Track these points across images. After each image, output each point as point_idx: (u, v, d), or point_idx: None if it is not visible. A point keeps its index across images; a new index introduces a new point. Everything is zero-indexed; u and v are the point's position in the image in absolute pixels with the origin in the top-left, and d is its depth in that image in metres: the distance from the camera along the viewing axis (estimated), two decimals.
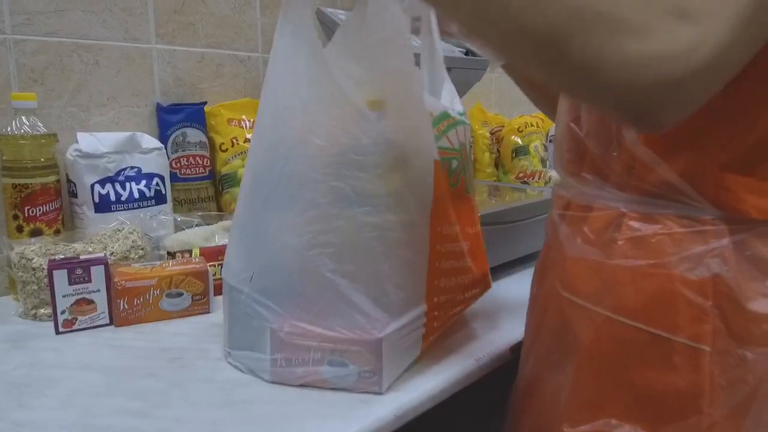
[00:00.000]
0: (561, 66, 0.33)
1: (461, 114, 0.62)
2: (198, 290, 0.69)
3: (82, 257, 0.65)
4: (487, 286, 0.62)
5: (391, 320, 0.52)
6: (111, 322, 0.65)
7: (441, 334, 0.58)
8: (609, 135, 0.46)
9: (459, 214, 0.56)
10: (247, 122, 0.91)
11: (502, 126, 1.40)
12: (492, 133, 1.39)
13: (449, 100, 0.64)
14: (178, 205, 0.86)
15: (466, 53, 1.10)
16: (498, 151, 1.38)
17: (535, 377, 0.54)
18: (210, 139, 0.90)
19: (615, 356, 0.45)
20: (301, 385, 0.52)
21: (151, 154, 0.79)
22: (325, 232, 0.52)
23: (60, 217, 0.74)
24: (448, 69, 1.07)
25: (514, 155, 1.33)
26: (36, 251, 0.67)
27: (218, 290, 0.72)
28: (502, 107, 1.55)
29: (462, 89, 1.14)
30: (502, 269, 0.84)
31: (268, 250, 0.53)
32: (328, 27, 0.95)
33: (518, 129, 1.33)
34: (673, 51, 0.30)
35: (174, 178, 0.86)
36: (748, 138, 0.40)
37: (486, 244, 0.65)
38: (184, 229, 0.81)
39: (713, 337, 0.41)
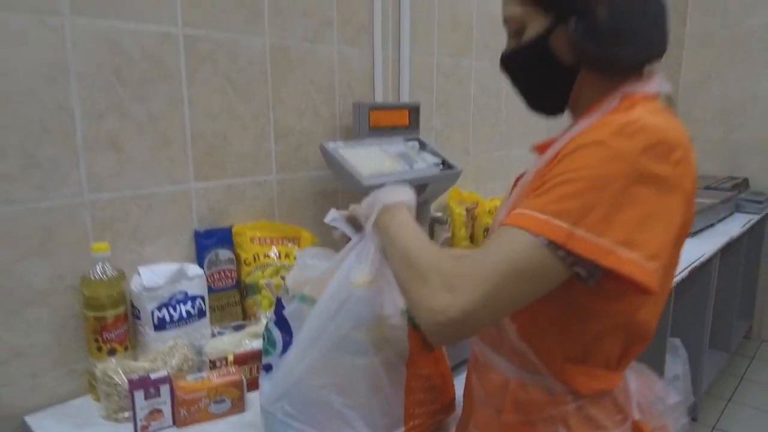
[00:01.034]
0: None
1: None
2: (236, 396, 0.91)
3: (152, 376, 0.87)
4: (452, 410, 0.85)
5: None
6: (174, 424, 0.88)
7: None
8: (500, 326, 0.70)
9: (430, 361, 0.79)
10: (267, 240, 1.14)
11: (477, 204, 1.63)
12: (468, 210, 1.62)
13: None
14: (212, 311, 1.09)
15: (443, 164, 1.32)
16: (473, 226, 1.61)
17: None
18: (236, 254, 1.13)
19: None
20: None
21: (194, 280, 1.01)
22: (335, 376, 0.74)
23: (128, 336, 0.96)
24: (426, 184, 1.30)
25: (485, 234, 1.56)
26: (114, 369, 0.89)
27: (250, 387, 0.95)
28: (478, 183, 1.78)
29: (439, 194, 1.37)
30: None
31: (299, 388, 0.75)
32: (329, 160, 1.17)
33: (489, 211, 1.56)
34: (439, 307, 0.55)
35: (209, 290, 1.08)
36: (580, 342, 0.64)
37: None
38: (217, 335, 1.03)
39: None
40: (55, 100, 0.89)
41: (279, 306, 0.81)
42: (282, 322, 0.79)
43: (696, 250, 1.86)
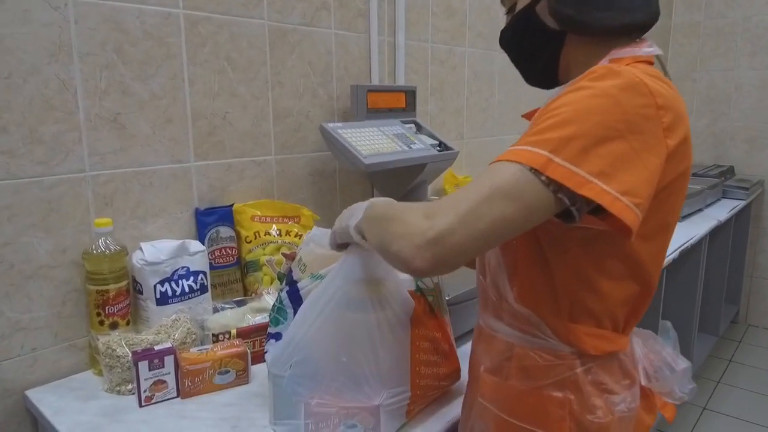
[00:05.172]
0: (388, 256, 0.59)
1: None
2: (240, 367, 0.92)
3: (156, 348, 0.88)
4: (457, 378, 0.86)
5: (385, 393, 0.76)
6: (178, 395, 0.88)
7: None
8: (499, 292, 0.71)
9: (435, 328, 0.81)
10: (267, 218, 1.15)
11: None
12: None
13: None
14: (213, 288, 1.09)
15: (440, 145, 1.34)
16: None
17: None
18: (237, 232, 1.14)
19: None
20: None
21: (196, 255, 1.02)
22: (339, 333, 0.75)
23: (130, 311, 0.96)
24: (424, 164, 1.32)
25: None
26: (117, 342, 0.90)
27: (254, 361, 0.96)
28: (472, 167, 1.80)
29: (436, 174, 1.38)
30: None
31: (304, 348, 0.76)
32: (329, 140, 1.19)
33: None
34: (418, 231, 0.54)
35: (210, 266, 1.08)
36: (581, 300, 0.64)
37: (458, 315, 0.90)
38: (220, 310, 1.04)
39: None
40: (58, 77, 0.90)
41: (291, 279, 0.82)
42: (295, 295, 0.81)
43: (685, 233, 1.90)
